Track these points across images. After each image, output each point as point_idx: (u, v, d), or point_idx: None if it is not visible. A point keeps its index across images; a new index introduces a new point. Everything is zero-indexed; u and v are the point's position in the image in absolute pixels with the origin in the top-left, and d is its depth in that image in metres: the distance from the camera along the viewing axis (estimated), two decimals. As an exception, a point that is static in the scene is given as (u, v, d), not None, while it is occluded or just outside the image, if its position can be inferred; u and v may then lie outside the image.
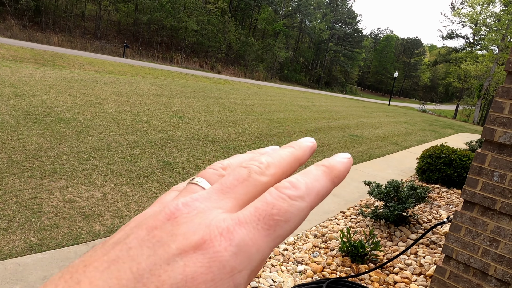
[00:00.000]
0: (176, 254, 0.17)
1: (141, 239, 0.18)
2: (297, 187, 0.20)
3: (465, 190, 2.20)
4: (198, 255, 0.17)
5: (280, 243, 0.19)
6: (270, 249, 0.19)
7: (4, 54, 13.44)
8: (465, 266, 2.23)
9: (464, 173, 5.10)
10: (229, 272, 0.17)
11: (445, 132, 15.56)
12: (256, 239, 0.18)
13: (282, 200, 0.19)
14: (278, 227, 0.19)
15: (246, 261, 0.18)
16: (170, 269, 0.16)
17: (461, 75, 37.19)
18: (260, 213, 0.19)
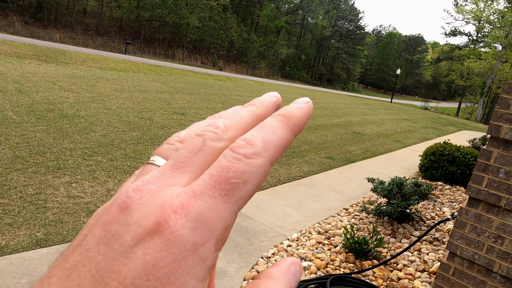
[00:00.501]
0: (133, 245, 0.16)
1: (98, 238, 0.17)
2: (252, 144, 0.19)
3: (470, 186, 2.19)
4: (155, 240, 0.16)
5: (243, 205, 0.18)
6: (233, 214, 0.18)
7: (6, 51, 13.46)
8: (470, 262, 2.23)
9: (468, 170, 5.09)
10: (191, 249, 0.16)
11: (448, 130, 15.51)
12: (214, 208, 0.17)
13: (238, 161, 0.18)
14: (237, 190, 0.18)
15: (208, 232, 0.17)
16: (129, 262, 0.16)
17: (464, 72, 37.01)
18: (215, 180, 0.18)
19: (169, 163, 0.19)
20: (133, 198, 0.18)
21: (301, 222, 3.62)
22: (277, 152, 0.19)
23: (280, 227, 3.45)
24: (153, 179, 0.18)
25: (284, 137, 0.20)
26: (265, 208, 3.85)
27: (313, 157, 6.42)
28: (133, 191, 0.18)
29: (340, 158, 6.68)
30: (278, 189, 4.53)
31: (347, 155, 7.08)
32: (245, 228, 3.30)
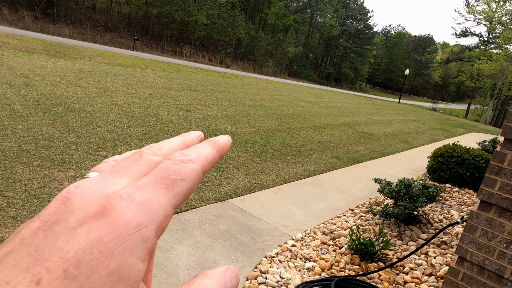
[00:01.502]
0: (77, 226, 0.16)
1: (35, 228, 0.17)
2: (187, 154, 0.21)
3: (482, 190, 2.12)
4: (100, 220, 0.17)
5: (181, 201, 0.20)
6: (172, 206, 0.19)
7: (16, 45, 13.57)
8: (480, 268, 2.17)
9: (477, 173, 4.98)
10: (135, 228, 0.17)
11: (457, 131, 15.30)
12: (156, 197, 0.19)
13: (176, 164, 0.20)
14: (176, 185, 0.20)
15: (151, 216, 0.18)
16: (72, 240, 0.16)
17: (474, 74, 36.50)
18: (157, 177, 0.19)
19: (109, 170, 0.21)
20: (75, 193, 0.18)
21: (306, 222, 3.57)
22: (207, 163, 0.22)
23: (284, 226, 3.40)
24: (94, 180, 0.19)
25: (212, 153, 0.23)
26: (270, 206, 3.80)
27: (319, 156, 6.36)
28: (74, 187, 0.19)
29: (346, 158, 6.60)
30: (283, 187, 4.48)
31: (354, 155, 7.00)
32: (249, 226, 3.26)
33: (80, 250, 0.16)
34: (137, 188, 0.19)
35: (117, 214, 0.17)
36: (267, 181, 4.61)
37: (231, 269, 0.22)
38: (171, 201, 0.19)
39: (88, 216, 0.17)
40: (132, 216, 0.17)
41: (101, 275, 0.16)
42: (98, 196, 0.18)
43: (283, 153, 6.10)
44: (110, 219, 0.17)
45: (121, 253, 0.16)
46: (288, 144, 6.85)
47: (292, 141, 7.14)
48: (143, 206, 0.18)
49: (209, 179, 4.25)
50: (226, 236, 3.02)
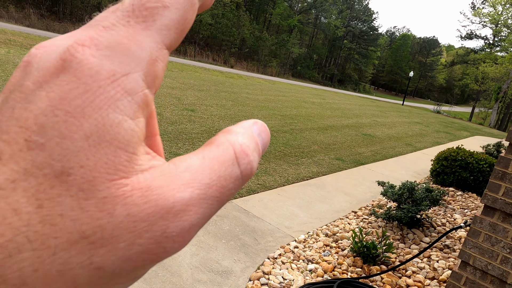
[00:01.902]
0: (34, 89, 0.14)
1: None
2: None
3: (486, 195, 2.13)
4: (61, 77, 0.13)
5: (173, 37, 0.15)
6: (160, 45, 0.15)
7: (22, 43, 13.67)
8: (483, 273, 2.17)
9: (481, 177, 4.97)
10: (108, 77, 0.14)
11: (461, 135, 15.25)
12: (132, 35, 0.14)
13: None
14: (157, 16, 0.15)
15: (129, 61, 0.14)
16: (32, 104, 0.13)
17: (479, 76, 36.33)
18: (128, 9, 0.15)
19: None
20: (35, 53, 0.15)
21: (309, 224, 3.58)
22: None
23: (287, 227, 3.41)
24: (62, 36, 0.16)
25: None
26: (273, 208, 3.81)
27: (323, 158, 6.36)
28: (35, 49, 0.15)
29: (349, 160, 6.60)
30: (286, 189, 4.49)
31: (357, 157, 7.00)
32: (252, 227, 3.27)
33: (40, 113, 0.13)
34: (103, 29, 0.14)
35: (79, 64, 0.13)
36: (270, 182, 4.62)
37: (259, 122, 0.18)
38: (155, 37, 0.15)
39: (47, 74, 0.14)
40: (99, 63, 0.14)
41: (74, 139, 0.13)
42: (57, 47, 0.14)
43: (286, 154, 6.11)
44: (72, 71, 0.13)
45: (96, 110, 0.13)
46: (292, 145, 6.86)
47: (296, 142, 7.15)
48: (114, 50, 0.14)
49: (212, 179, 4.27)
50: (229, 236, 3.04)
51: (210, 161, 0.15)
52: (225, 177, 0.15)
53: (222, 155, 0.15)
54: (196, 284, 2.36)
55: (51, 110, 0.13)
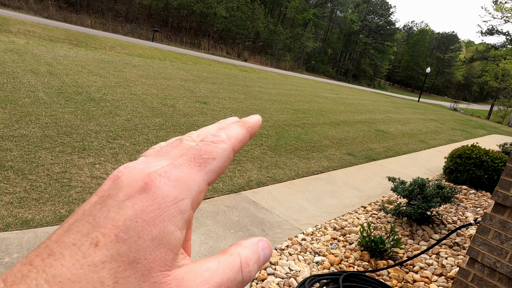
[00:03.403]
0: (124, 199, 0.20)
1: (93, 202, 0.20)
2: (217, 135, 0.24)
3: (497, 192, 2.10)
4: (143, 195, 0.20)
5: (213, 178, 0.22)
6: (205, 182, 0.22)
7: (40, 34, 13.95)
8: (491, 270, 2.15)
9: (495, 175, 4.87)
10: (172, 201, 0.20)
11: (477, 133, 14.90)
12: (190, 174, 0.21)
13: (207, 144, 0.23)
14: (208, 163, 0.22)
15: (186, 191, 0.21)
16: (121, 211, 0.19)
17: (499, 73, 35.28)
18: (190, 156, 0.22)
19: (153, 154, 0.24)
20: (123, 172, 0.21)
21: (317, 217, 3.60)
22: (237, 143, 0.24)
23: (295, 220, 3.44)
24: (140, 162, 0.23)
25: (241, 133, 0.25)
26: (282, 200, 3.84)
27: (334, 153, 6.34)
28: (123, 167, 0.22)
29: (361, 156, 6.56)
30: (296, 182, 4.50)
31: (369, 152, 6.95)
32: (260, 219, 3.31)
33: (127, 219, 0.19)
34: (174, 166, 0.21)
35: (156, 189, 0.20)
36: (280, 175, 4.64)
37: (264, 240, 0.25)
38: (204, 177, 0.22)
39: (134, 191, 0.20)
40: (169, 190, 0.20)
41: (145, 240, 0.19)
42: (142, 174, 0.21)
43: (297, 148, 6.11)
44: (151, 193, 0.20)
45: (161, 222, 0.19)
46: (303, 139, 6.85)
47: (307, 137, 7.13)
48: (178, 182, 0.21)
49: (223, 171, 4.32)
50: (238, 227, 3.08)
51: (223, 266, 0.21)
52: (231, 280, 0.21)
53: (232, 263, 0.22)
54: (204, 272, 2.42)
55: (134, 217, 0.19)
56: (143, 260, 0.18)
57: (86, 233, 0.19)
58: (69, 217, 0.21)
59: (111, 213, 0.19)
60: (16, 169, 3.26)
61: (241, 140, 0.25)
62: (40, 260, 0.18)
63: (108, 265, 0.18)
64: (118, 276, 0.18)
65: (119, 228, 0.19)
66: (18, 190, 2.96)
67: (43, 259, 0.18)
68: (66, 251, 0.18)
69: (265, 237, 0.21)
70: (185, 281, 0.20)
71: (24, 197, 2.88)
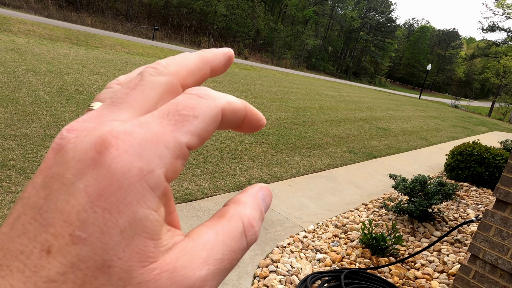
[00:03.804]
0: (74, 180, 0.15)
1: (38, 185, 0.16)
2: (206, 89, 0.18)
3: (498, 188, 2.10)
4: (97, 170, 0.15)
5: (195, 142, 0.17)
6: (182, 145, 0.16)
7: (41, 33, 13.96)
8: (492, 266, 2.16)
9: (497, 172, 4.87)
10: (138, 175, 0.15)
11: (478, 130, 14.88)
12: (161, 134, 0.16)
13: (190, 97, 0.18)
14: (187, 122, 0.17)
15: (156, 159, 0.16)
16: (72, 198, 0.15)
17: (500, 70, 35.20)
18: (163, 112, 0.17)
19: (106, 102, 0.18)
20: (68, 138, 0.16)
21: (318, 215, 3.61)
22: (230, 108, 0.19)
23: (297, 218, 3.44)
24: (89, 118, 0.17)
25: (239, 104, 0.20)
26: (283, 198, 3.85)
27: (335, 151, 6.34)
28: (67, 131, 0.17)
29: (362, 153, 6.56)
30: (297, 180, 4.51)
31: (370, 150, 6.95)
32: (262, 216, 3.32)
33: (81, 210, 0.14)
34: (139, 125, 0.16)
35: (113, 160, 0.15)
36: (281, 173, 4.65)
37: (263, 188, 0.21)
38: (180, 138, 0.16)
39: (84, 166, 0.15)
40: (131, 161, 0.15)
41: (112, 234, 0.14)
42: (93, 139, 0.16)
43: (298, 146, 6.11)
44: (106, 166, 0.15)
45: (128, 207, 0.15)
46: (304, 137, 6.86)
47: (308, 134, 7.13)
48: (144, 147, 0.15)
49: (224, 169, 4.32)
50: (239, 225, 3.09)
51: (223, 237, 0.17)
52: (235, 250, 0.18)
53: (233, 229, 0.18)
54: (206, 269, 2.43)
55: (90, 206, 0.14)
56: (116, 260, 0.14)
57: (33, 236, 0.14)
58: (13, 206, 0.16)
59: (59, 204, 0.15)
60: (18, 168, 3.27)
61: (235, 110, 0.20)
62: None
63: (70, 276, 0.14)
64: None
65: (73, 225, 0.14)
66: (20, 189, 2.97)
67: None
68: (13, 263, 0.14)
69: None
70: (178, 269, 0.16)
71: (26, 196, 2.89)
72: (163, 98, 0.18)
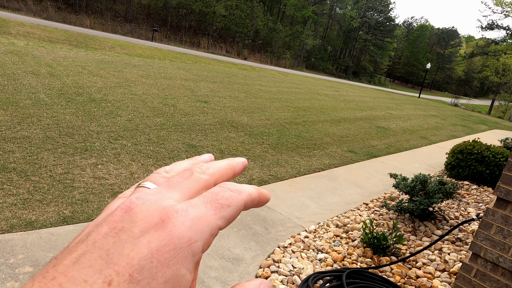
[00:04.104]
0: (139, 235, 0.19)
1: (104, 233, 0.19)
2: (236, 185, 0.24)
3: (499, 187, 2.10)
4: (159, 232, 0.19)
5: (225, 225, 0.22)
6: (217, 227, 0.22)
7: (40, 35, 13.97)
8: (494, 265, 2.16)
9: (497, 171, 4.88)
10: (187, 242, 0.19)
11: (478, 128, 14.88)
12: (206, 216, 0.21)
13: (225, 191, 0.23)
14: (223, 209, 0.22)
15: (200, 233, 0.20)
16: (136, 248, 0.18)
17: (500, 68, 35.20)
18: (207, 199, 0.22)
19: (164, 183, 0.24)
20: (136, 203, 0.21)
21: (319, 214, 3.61)
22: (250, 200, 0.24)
23: (298, 218, 3.45)
24: (152, 192, 0.22)
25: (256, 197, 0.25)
26: (284, 198, 3.85)
27: (335, 150, 6.34)
28: (136, 198, 0.21)
29: (362, 152, 6.56)
30: (298, 180, 4.51)
31: (370, 149, 6.95)
32: (263, 217, 3.32)
33: (143, 258, 0.18)
34: (191, 205, 0.21)
35: (173, 228, 0.19)
36: (282, 173, 4.65)
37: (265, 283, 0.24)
38: (217, 221, 0.22)
39: (149, 227, 0.19)
40: (185, 231, 0.20)
41: (158, 282, 0.18)
42: (157, 208, 0.20)
43: (299, 146, 6.12)
44: (167, 231, 0.19)
45: (175, 264, 0.19)
46: (304, 137, 6.86)
47: (308, 134, 7.14)
48: (195, 222, 0.20)
49: (224, 170, 4.32)
50: (241, 225, 3.10)
51: None
52: None
53: None
54: (207, 270, 2.43)
55: (150, 257, 0.18)
56: None
57: (98, 270, 0.18)
58: (75, 245, 0.19)
59: (125, 250, 0.18)
60: (19, 171, 3.28)
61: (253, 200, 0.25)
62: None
63: None
64: None
65: (134, 268, 0.18)
66: (22, 191, 2.97)
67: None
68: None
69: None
70: None
71: (27, 198, 2.89)
72: (202, 190, 0.24)
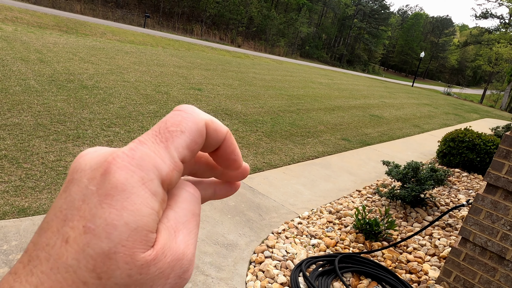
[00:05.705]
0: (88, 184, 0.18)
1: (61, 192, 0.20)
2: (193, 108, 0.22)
3: (489, 173, 2.14)
4: (106, 176, 0.18)
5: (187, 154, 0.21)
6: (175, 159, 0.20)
7: (29, 20, 13.63)
8: (482, 249, 2.21)
9: (488, 158, 4.95)
10: (139, 180, 0.18)
11: (470, 117, 15.04)
12: (157, 151, 0.19)
13: (176, 115, 0.21)
14: (176, 137, 0.20)
15: (153, 169, 0.19)
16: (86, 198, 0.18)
17: (492, 57, 35.39)
18: (156, 130, 0.20)
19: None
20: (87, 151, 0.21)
21: (313, 201, 3.64)
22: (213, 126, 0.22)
23: (291, 204, 3.48)
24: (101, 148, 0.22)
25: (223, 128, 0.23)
26: (278, 185, 3.87)
27: (329, 138, 6.37)
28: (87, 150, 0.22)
29: (356, 140, 6.60)
30: (292, 167, 4.54)
31: (363, 137, 6.99)
32: (257, 203, 3.35)
33: (93, 207, 0.18)
34: (139, 143, 0.20)
35: (119, 169, 0.18)
36: (275, 160, 4.67)
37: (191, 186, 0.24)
38: (172, 153, 0.20)
39: (97, 173, 0.18)
40: (133, 170, 0.18)
41: (116, 226, 0.17)
42: (106, 154, 0.19)
43: (293, 134, 6.13)
44: (112, 174, 0.18)
45: (132, 205, 0.18)
46: (298, 125, 6.87)
47: (302, 122, 7.14)
48: (144, 159, 0.19)
49: (218, 157, 4.32)
50: (235, 212, 3.12)
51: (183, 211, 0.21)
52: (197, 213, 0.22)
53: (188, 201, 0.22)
54: (202, 256, 2.45)
55: (99, 203, 0.18)
56: (120, 247, 0.17)
57: (56, 230, 0.18)
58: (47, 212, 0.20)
59: (76, 203, 0.18)
60: (11, 158, 3.24)
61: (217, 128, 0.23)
62: (22, 268, 0.18)
63: (83, 262, 0.17)
64: (98, 272, 0.17)
65: (86, 218, 0.18)
66: (14, 179, 2.94)
67: (24, 266, 0.18)
68: (41, 253, 0.18)
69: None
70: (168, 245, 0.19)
71: (19, 185, 2.87)
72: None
